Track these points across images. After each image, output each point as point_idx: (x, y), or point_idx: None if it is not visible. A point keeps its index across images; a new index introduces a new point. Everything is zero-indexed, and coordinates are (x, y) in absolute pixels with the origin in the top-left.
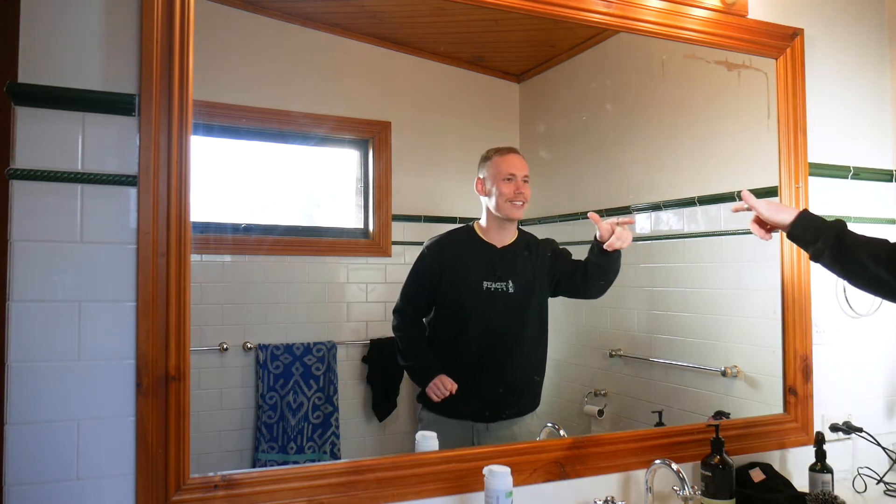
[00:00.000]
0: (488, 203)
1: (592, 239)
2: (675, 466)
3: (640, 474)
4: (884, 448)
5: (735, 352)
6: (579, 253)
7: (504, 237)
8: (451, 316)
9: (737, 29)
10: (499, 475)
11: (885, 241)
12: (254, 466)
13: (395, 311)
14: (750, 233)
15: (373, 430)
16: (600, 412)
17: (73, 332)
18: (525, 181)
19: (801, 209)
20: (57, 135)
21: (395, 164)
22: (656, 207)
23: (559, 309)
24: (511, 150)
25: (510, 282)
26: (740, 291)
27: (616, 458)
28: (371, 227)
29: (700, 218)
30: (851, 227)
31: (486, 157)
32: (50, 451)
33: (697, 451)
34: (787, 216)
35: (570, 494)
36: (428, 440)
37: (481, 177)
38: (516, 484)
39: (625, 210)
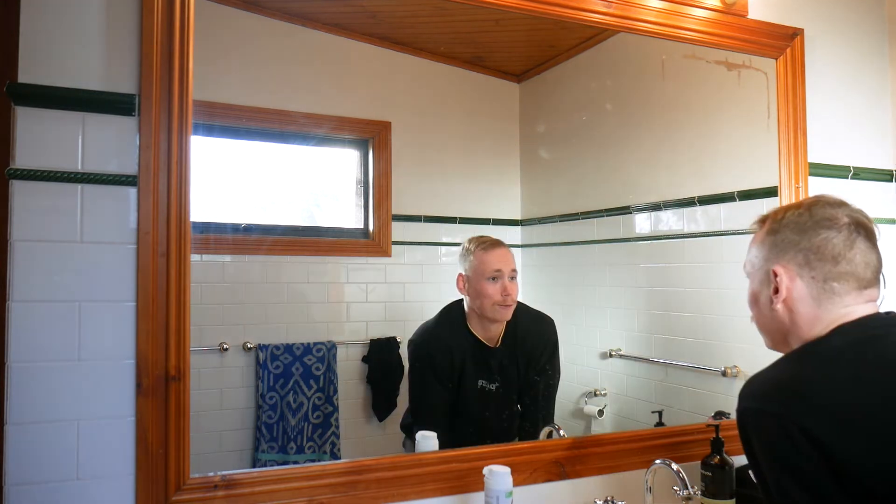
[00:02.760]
0: (472, 304)
1: None
2: (675, 466)
3: (640, 474)
4: None
5: (735, 352)
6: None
7: (493, 332)
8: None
9: (737, 29)
10: (499, 475)
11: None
12: (254, 466)
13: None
14: (750, 233)
15: (373, 430)
16: (600, 412)
17: (73, 332)
18: (512, 278)
19: None
20: (57, 135)
21: (395, 164)
22: (656, 207)
23: (559, 309)
24: (495, 245)
25: (498, 378)
26: (740, 291)
27: (616, 458)
28: (371, 227)
29: (700, 218)
30: None
31: (467, 251)
32: (50, 451)
33: (697, 451)
34: None
35: (570, 494)
36: (428, 440)
37: (463, 273)
38: (516, 484)
39: (625, 210)
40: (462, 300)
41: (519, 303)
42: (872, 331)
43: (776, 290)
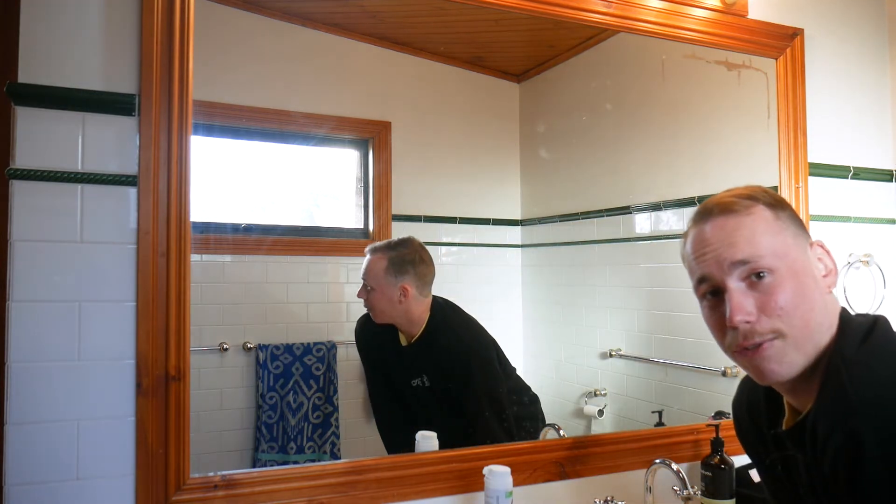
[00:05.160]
0: None
1: None
2: (675, 466)
3: (640, 474)
4: None
5: None
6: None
7: (410, 331)
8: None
9: (737, 29)
10: (499, 475)
11: None
12: (254, 466)
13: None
14: None
15: (373, 430)
16: (600, 412)
17: (73, 333)
18: (368, 288)
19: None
20: (57, 135)
21: (395, 164)
22: (656, 207)
23: (559, 309)
24: (371, 251)
25: (424, 376)
26: None
27: (616, 458)
28: (371, 227)
29: None
30: (851, 226)
31: None
32: (50, 451)
33: (697, 451)
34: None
35: (570, 494)
36: (428, 440)
37: None
38: (516, 484)
39: (625, 210)
40: None
41: (454, 307)
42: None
43: (828, 271)
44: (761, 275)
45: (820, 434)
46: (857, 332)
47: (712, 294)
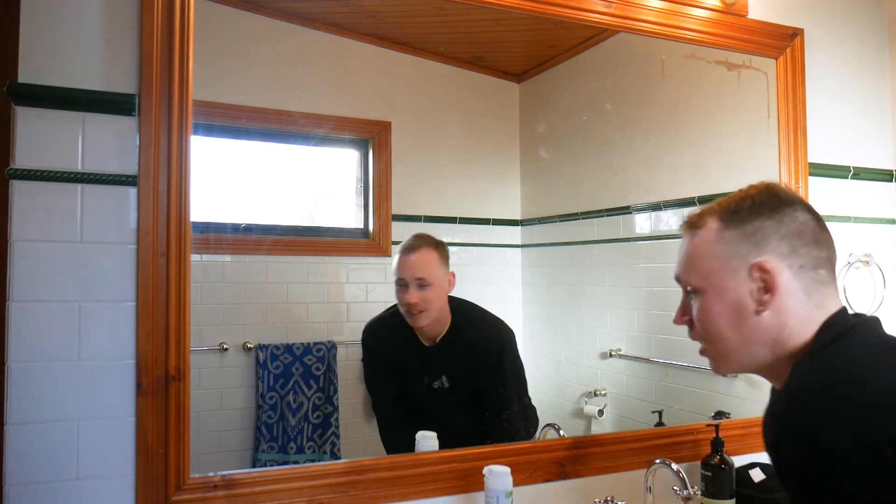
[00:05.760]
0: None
1: None
2: (675, 466)
3: (640, 474)
4: None
5: None
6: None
7: (432, 332)
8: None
9: (737, 29)
10: (499, 475)
11: None
12: (254, 466)
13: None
14: None
15: (373, 430)
16: (600, 412)
17: (73, 333)
18: (421, 286)
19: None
20: (57, 135)
21: (395, 164)
22: (656, 207)
23: (559, 309)
24: (407, 250)
25: (444, 377)
26: None
27: (616, 458)
28: (371, 228)
29: None
30: (851, 226)
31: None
32: (50, 451)
33: (697, 451)
34: None
35: (570, 494)
36: (428, 440)
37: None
38: (516, 484)
39: (625, 210)
40: None
41: (472, 310)
42: (879, 330)
43: (766, 290)
44: (689, 290)
45: (764, 430)
46: (822, 341)
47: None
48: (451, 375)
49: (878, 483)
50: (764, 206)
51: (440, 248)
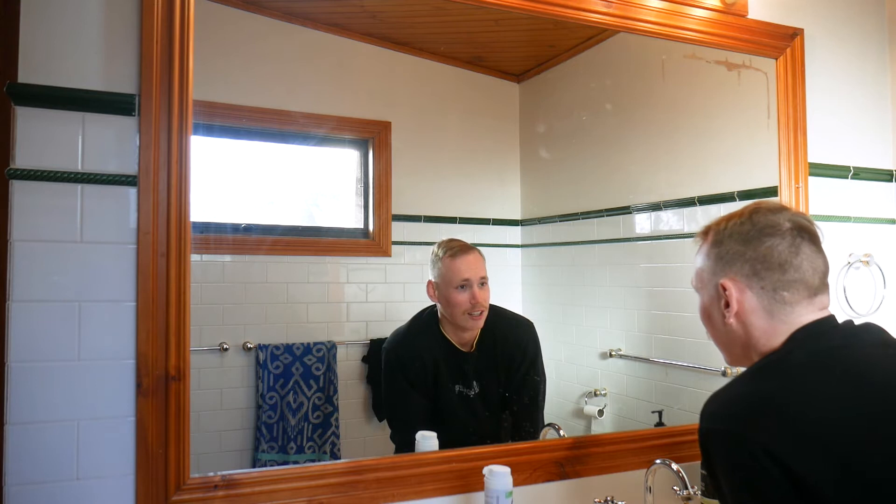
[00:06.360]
0: (444, 311)
1: None
2: (675, 466)
3: (640, 474)
4: None
5: None
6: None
7: (467, 337)
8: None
9: (737, 29)
10: (499, 475)
11: None
12: (254, 466)
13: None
14: None
15: (373, 430)
16: (600, 412)
17: (73, 332)
18: (482, 284)
19: None
20: (57, 135)
21: (395, 164)
22: (656, 207)
23: (559, 309)
24: (463, 250)
25: (475, 384)
26: None
27: (616, 458)
28: (371, 227)
29: (700, 218)
30: (851, 226)
31: (436, 257)
32: (50, 451)
33: (697, 451)
34: None
35: (570, 494)
36: (428, 440)
37: (432, 280)
38: (516, 484)
39: (625, 210)
40: (435, 305)
41: (496, 306)
42: (837, 341)
43: (727, 305)
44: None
45: None
46: (767, 358)
47: None
48: (484, 381)
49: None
50: (738, 231)
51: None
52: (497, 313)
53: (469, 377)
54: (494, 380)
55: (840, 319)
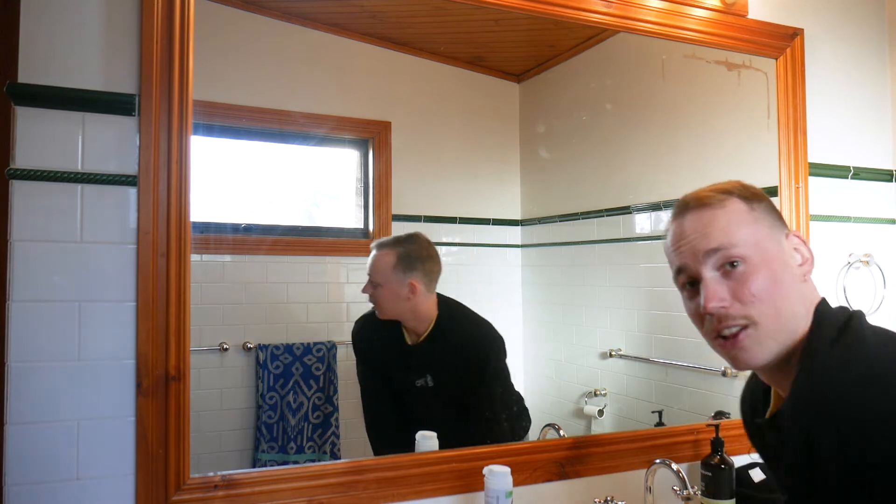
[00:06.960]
0: None
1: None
2: (675, 466)
3: (640, 474)
4: None
5: None
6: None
7: (418, 329)
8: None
9: (737, 29)
10: (499, 475)
11: None
12: (254, 466)
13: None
14: None
15: None
16: (600, 412)
17: (73, 332)
18: (375, 285)
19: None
20: (57, 135)
21: (395, 164)
22: (656, 207)
23: (559, 309)
24: (375, 248)
25: (428, 376)
26: None
27: (616, 458)
28: (371, 227)
29: None
30: (851, 226)
31: None
32: (50, 451)
33: (697, 451)
34: None
35: (570, 494)
36: (428, 440)
37: None
38: (516, 484)
39: (625, 210)
40: None
41: (454, 304)
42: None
43: (804, 260)
44: (735, 263)
45: (784, 428)
46: (832, 327)
47: (690, 284)
48: (436, 374)
49: None
50: (755, 191)
51: (404, 255)
52: (455, 319)
53: (417, 369)
54: (446, 377)
55: None
